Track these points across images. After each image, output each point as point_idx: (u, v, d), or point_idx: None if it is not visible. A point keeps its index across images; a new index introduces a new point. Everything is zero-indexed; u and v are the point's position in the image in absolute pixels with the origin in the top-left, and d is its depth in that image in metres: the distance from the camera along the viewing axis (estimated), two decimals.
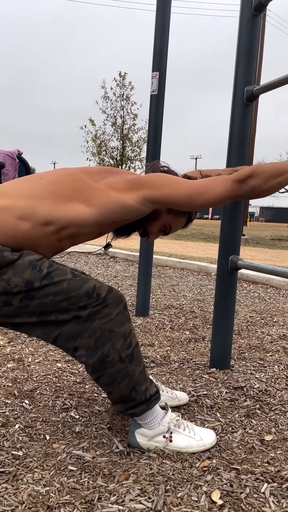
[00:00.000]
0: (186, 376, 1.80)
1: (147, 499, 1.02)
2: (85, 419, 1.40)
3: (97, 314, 1.13)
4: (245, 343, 2.30)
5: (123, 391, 1.18)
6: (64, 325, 1.13)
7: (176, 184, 1.19)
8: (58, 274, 1.11)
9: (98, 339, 1.14)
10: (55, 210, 1.12)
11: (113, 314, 1.14)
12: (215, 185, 1.20)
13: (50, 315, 1.12)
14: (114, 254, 6.17)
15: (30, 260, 1.09)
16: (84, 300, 1.12)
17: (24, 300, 1.09)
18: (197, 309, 3.03)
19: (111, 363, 1.15)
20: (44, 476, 1.09)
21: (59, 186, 1.15)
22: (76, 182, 1.17)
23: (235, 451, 1.25)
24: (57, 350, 2.05)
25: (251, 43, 1.68)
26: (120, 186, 1.18)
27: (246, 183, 1.20)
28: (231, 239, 1.79)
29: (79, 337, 1.14)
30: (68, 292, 1.11)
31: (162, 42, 2.54)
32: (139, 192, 1.18)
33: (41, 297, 1.09)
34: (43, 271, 1.10)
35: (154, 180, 1.20)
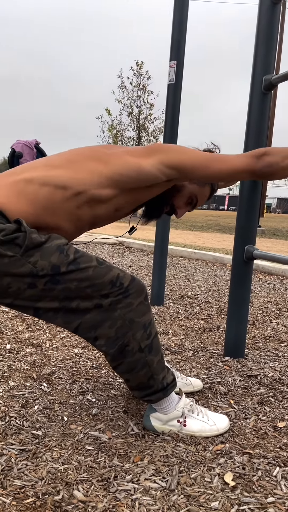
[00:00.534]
0: (200, 363, 1.82)
1: (162, 479, 1.05)
2: (101, 402, 1.44)
3: (119, 304, 1.14)
4: (259, 333, 2.32)
5: (141, 379, 1.20)
6: (86, 314, 1.14)
7: (193, 151, 1.22)
8: (84, 261, 1.12)
9: (118, 329, 1.15)
10: (72, 174, 1.15)
11: (134, 304, 1.16)
12: (232, 156, 1.23)
13: (73, 301, 1.13)
14: (129, 244, 6.20)
15: (57, 244, 1.11)
16: (107, 288, 1.13)
17: (49, 283, 1.10)
18: (211, 299, 3.05)
19: (131, 353, 1.17)
20: (62, 455, 1.13)
21: (77, 156, 1.19)
22: (92, 152, 1.21)
23: (248, 436, 1.28)
24: (74, 336, 2.09)
25: (270, 32, 1.67)
26: (137, 153, 1.21)
27: (262, 158, 1.22)
28: (247, 229, 1.80)
29: (100, 327, 1.15)
30: (93, 279, 1.12)
31: (180, 31, 2.53)
32: (155, 156, 1.20)
33: (66, 282, 1.10)
34: (70, 256, 1.11)
35: (171, 147, 1.22)
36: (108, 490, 1.01)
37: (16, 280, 1.08)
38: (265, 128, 1.74)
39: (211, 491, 1.02)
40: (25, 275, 1.08)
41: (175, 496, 1.00)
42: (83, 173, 1.16)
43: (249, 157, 1.23)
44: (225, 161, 1.22)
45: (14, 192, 1.11)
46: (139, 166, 1.19)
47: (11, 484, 1.01)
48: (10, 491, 0.99)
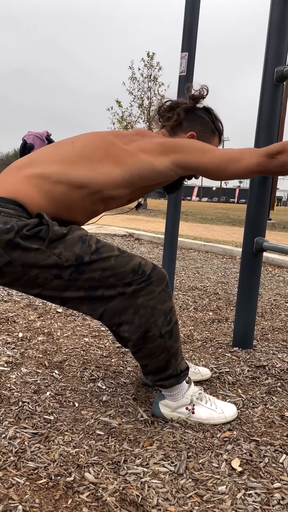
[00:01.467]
0: (209, 354, 1.84)
1: (170, 463, 1.08)
2: (112, 389, 1.47)
3: (142, 291, 1.17)
4: (268, 325, 2.33)
5: (160, 363, 1.23)
6: (110, 302, 1.17)
7: (207, 151, 1.22)
8: (106, 250, 1.15)
9: (141, 316, 1.18)
10: (88, 174, 1.17)
11: (156, 292, 1.18)
12: (246, 154, 1.22)
13: (97, 290, 1.16)
14: (139, 236, 6.21)
15: (79, 235, 1.14)
16: (129, 276, 1.16)
17: (74, 274, 1.13)
18: (221, 291, 3.06)
19: (152, 338, 1.20)
20: (73, 439, 1.17)
21: (91, 150, 1.20)
22: (107, 145, 1.21)
23: (255, 424, 1.30)
24: (85, 326, 2.13)
25: (282, 23, 1.66)
26: (151, 149, 1.22)
27: (276, 158, 1.22)
28: (257, 221, 1.81)
29: (124, 314, 1.18)
30: (116, 268, 1.15)
31: (191, 22, 2.51)
32: (170, 156, 1.21)
33: (90, 272, 1.14)
34: (92, 246, 1.14)
35: (185, 145, 1.22)
36: (118, 473, 1.04)
37: (43, 272, 1.12)
38: (276, 119, 1.73)
39: (218, 476, 1.04)
40: (51, 267, 1.12)
41: (183, 480, 1.02)
42: (100, 174, 1.18)
43: (263, 156, 1.23)
44: (238, 161, 1.22)
45: (31, 188, 1.14)
46: (153, 165, 1.21)
47: (25, 465, 1.05)
48: (23, 472, 1.02)
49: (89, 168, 1.17)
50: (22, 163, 1.20)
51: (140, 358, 1.24)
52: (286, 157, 1.22)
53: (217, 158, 1.21)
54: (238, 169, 1.22)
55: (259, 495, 0.98)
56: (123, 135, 1.27)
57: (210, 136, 1.40)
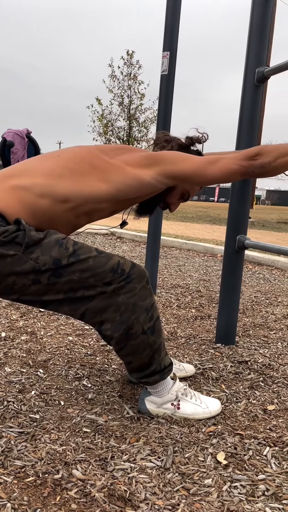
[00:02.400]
0: (192, 350, 1.87)
1: (157, 458, 1.10)
2: (97, 387, 1.48)
3: (122, 289, 1.18)
4: (249, 321, 2.37)
5: (143, 360, 1.24)
6: (91, 301, 1.18)
7: (189, 159, 1.25)
8: (83, 252, 1.16)
9: (123, 313, 1.19)
10: (73, 188, 1.17)
11: (136, 289, 1.19)
12: (225, 158, 1.26)
13: (77, 291, 1.16)
14: (121, 235, 6.22)
15: (56, 239, 1.14)
16: (109, 276, 1.16)
17: (52, 277, 1.13)
18: (203, 289, 3.09)
19: (135, 335, 1.21)
20: (60, 437, 1.17)
21: (76, 164, 1.21)
22: (93, 159, 1.22)
23: (239, 418, 1.32)
24: (68, 324, 2.12)
25: (263, 25, 1.69)
26: (135, 162, 1.24)
27: (255, 159, 1.25)
28: (238, 219, 1.83)
29: (105, 312, 1.19)
30: (94, 269, 1.15)
31: (173, 22, 2.53)
32: (154, 168, 1.23)
33: (68, 274, 1.14)
34: (69, 249, 1.14)
35: (168, 156, 1.25)
36: (105, 469, 1.05)
37: (21, 278, 1.12)
38: (257, 119, 1.77)
39: (204, 469, 1.06)
40: (28, 272, 1.12)
41: (170, 474, 1.04)
42: (84, 188, 1.19)
43: (243, 159, 1.25)
44: (218, 163, 1.24)
45: (14, 199, 1.14)
46: (139, 179, 1.23)
47: (12, 464, 1.04)
48: (11, 471, 1.02)
49: (73, 181, 1.18)
50: (9, 173, 1.19)
51: (123, 356, 1.25)
52: (264, 158, 1.25)
53: (197, 163, 1.24)
54: (217, 170, 1.24)
55: (244, 487, 1.01)
56: (109, 149, 1.29)
57: None
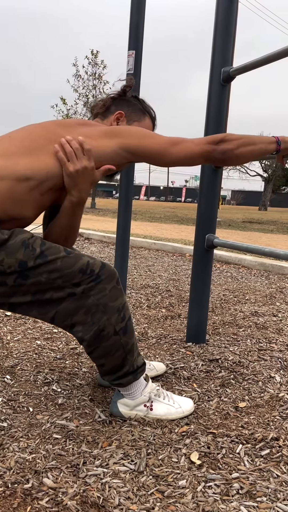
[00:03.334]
0: (163, 350, 1.86)
1: (130, 462, 1.08)
2: (67, 392, 1.44)
3: (92, 290, 1.15)
4: (219, 319, 2.39)
5: (116, 361, 1.22)
6: (60, 304, 1.14)
7: (152, 136, 1.21)
8: (51, 252, 1.12)
9: (94, 315, 1.16)
10: (32, 165, 1.11)
11: (107, 289, 1.17)
12: (189, 140, 1.24)
13: (45, 293, 1.13)
14: (89, 236, 6.16)
15: (22, 239, 1.09)
16: (78, 277, 1.13)
17: (18, 279, 1.09)
18: (172, 288, 3.10)
19: (107, 337, 1.18)
20: (29, 445, 1.13)
21: (32, 141, 1.15)
22: (49, 134, 1.17)
23: (211, 417, 1.32)
24: (36, 328, 2.07)
25: (228, 25, 1.70)
26: (96, 135, 1.20)
27: (219, 145, 1.23)
28: (207, 218, 1.84)
29: (76, 314, 1.16)
30: (62, 270, 1.12)
31: (138, 20, 2.52)
32: (115, 140, 1.19)
33: (35, 276, 1.10)
34: (36, 250, 1.10)
35: (131, 130, 1.21)
36: (77, 475, 1.02)
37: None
38: (223, 118, 1.78)
39: (178, 471, 1.05)
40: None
41: (144, 477, 1.02)
42: (44, 163, 1.13)
43: (207, 143, 1.24)
44: (182, 144, 1.22)
45: None
46: (99, 150, 1.18)
47: None
48: None
49: (32, 158, 1.12)
50: None
51: (96, 358, 1.22)
52: (228, 144, 1.24)
53: (161, 142, 1.21)
54: (180, 151, 1.21)
55: (219, 486, 1.00)
56: (65, 124, 1.24)
57: (140, 115, 1.40)
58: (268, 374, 1.64)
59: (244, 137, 1.25)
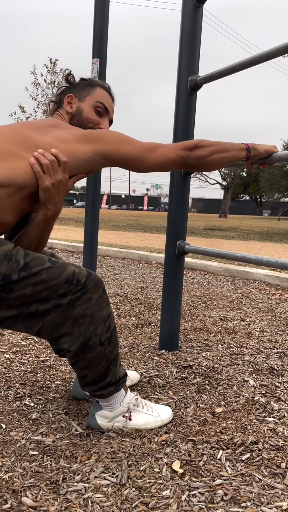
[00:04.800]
0: (137, 359, 1.84)
1: (111, 475, 1.05)
2: (41, 406, 1.39)
3: (78, 301, 1.12)
4: (189, 325, 2.40)
5: (99, 372, 1.19)
6: (46, 316, 1.11)
7: (129, 142, 1.20)
8: (36, 264, 1.08)
9: (81, 325, 1.14)
10: (6, 171, 1.06)
11: (93, 299, 1.14)
12: (164, 145, 1.24)
13: (30, 306, 1.09)
14: (52, 245, 6.06)
15: (4, 252, 1.05)
16: (64, 287, 1.10)
17: (2, 293, 1.05)
18: (141, 296, 3.09)
19: (92, 347, 1.16)
20: (5, 463, 1.08)
21: (3, 146, 1.10)
22: (22, 137, 1.13)
23: (189, 424, 1.32)
24: (3, 341, 2.00)
25: (193, 34, 1.73)
26: (71, 140, 1.17)
27: (193, 151, 1.24)
28: (178, 225, 1.85)
29: (62, 326, 1.13)
30: (48, 281, 1.08)
31: (101, 28, 2.52)
32: (91, 145, 1.17)
33: (20, 289, 1.06)
34: (20, 262, 1.06)
35: (107, 135, 1.19)
36: (58, 492, 0.98)
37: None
38: (191, 126, 1.80)
39: (161, 481, 1.04)
40: None
41: (127, 490, 1.00)
42: (20, 169, 1.08)
43: (181, 149, 1.24)
44: (156, 149, 1.22)
45: None
46: (74, 156, 1.15)
47: None
48: None
49: (6, 164, 1.08)
50: None
51: (79, 369, 1.19)
52: (201, 151, 1.25)
53: (136, 147, 1.20)
54: (156, 157, 1.21)
55: (203, 494, 0.99)
56: (36, 127, 1.20)
57: (90, 89, 1.37)
58: (241, 378, 1.66)
59: (216, 144, 1.26)
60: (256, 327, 2.42)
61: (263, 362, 1.84)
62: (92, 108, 1.35)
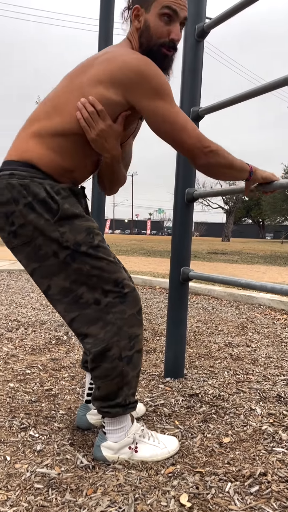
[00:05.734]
0: (142, 387, 1.82)
1: (118, 509, 1.03)
2: (46, 437, 1.38)
3: (114, 307, 1.18)
4: (194, 352, 2.38)
5: (112, 388, 1.21)
6: (86, 308, 1.18)
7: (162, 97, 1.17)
8: (103, 252, 1.19)
9: (107, 332, 1.18)
10: (62, 120, 1.17)
11: (126, 313, 1.20)
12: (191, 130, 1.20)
13: (80, 287, 1.17)
14: None
15: (88, 226, 1.18)
16: (110, 285, 1.18)
17: (68, 257, 1.15)
18: (145, 322, 3.07)
19: (111, 358, 1.18)
20: (9, 497, 1.06)
21: (58, 97, 1.19)
22: (72, 85, 1.19)
23: (196, 455, 1.29)
24: (7, 370, 1.99)
25: (195, 67, 1.78)
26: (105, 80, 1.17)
27: (208, 154, 1.21)
28: (182, 251, 1.86)
29: (93, 325, 1.18)
30: (103, 271, 1.18)
31: None
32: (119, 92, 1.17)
33: (81, 262, 1.16)
34: (94, 241, 1.17)
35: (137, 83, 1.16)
36: None
37: (46, 243, 1.15)
38: None
39: None
40: (53, 241, 1.15)
41: None
42: (72, 116, 1.17)
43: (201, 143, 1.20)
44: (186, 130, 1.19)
45: (35, 145, 1.17)
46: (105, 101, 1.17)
47: None
48: None
49: (61, 115, 1.17)
50: (24, 125, 1.22)
51: (95, 378, 1.22)
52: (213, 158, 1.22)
53: (175, 116, 1.17)
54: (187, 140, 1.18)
55: None
56: (88, 65, 1.21)
57: None
58: (248, 407, 1.63)
59: (227, 159, 1.24)
60: (262, 353, 2.40)
61: (270, 389, 1.82)
62: (158, 18, 1.24)
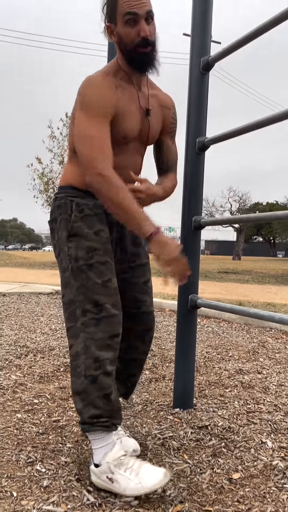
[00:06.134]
0: (150, 418, 1.80)
1: None
2: (52, 472, 1.36)
3: (87, 327, 1.24)
4: (204, 379, 2.34)
5: (80, 403, 1.27)
6: (75, 322, 1.28)
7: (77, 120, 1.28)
8: (96, 272, 1.26)
9: (80, 348, 1.26)
10: None
11: (97, 336, 1.24)
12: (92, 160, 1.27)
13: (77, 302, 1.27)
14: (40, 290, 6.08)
15: (90, 245, 1.27)
16: (90, 305, 1.25)
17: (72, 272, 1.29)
18: (154, 347, 3.05)
19: (78, 374, 1.27)
20: None
21: None
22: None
23: (205, 492, 1.26)
24: (15, 399, 1.98)
25: (200, 99, 1.81)
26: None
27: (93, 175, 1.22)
28: (189, 278, 1.85)
29: (74, 339, 1.28)
30: (87, 290, 1.26)
31: None
32: None
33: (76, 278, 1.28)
34: (91, 260, 1.26)
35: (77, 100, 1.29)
36: None
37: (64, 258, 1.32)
38: (200, 184, 1.85)
39: None
40: (65, 255, 1.31)
41: None
42: None
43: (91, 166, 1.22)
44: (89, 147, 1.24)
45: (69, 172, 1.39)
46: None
47: None
48: None
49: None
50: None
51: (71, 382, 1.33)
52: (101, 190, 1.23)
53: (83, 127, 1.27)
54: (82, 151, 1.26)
55: None
56: None
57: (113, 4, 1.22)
58: (259, 440, 1.60)
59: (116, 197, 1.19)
60: (273, 380, 2.36)
61: (281, 420, 1.78)
62: (125, 26, 1.20)
